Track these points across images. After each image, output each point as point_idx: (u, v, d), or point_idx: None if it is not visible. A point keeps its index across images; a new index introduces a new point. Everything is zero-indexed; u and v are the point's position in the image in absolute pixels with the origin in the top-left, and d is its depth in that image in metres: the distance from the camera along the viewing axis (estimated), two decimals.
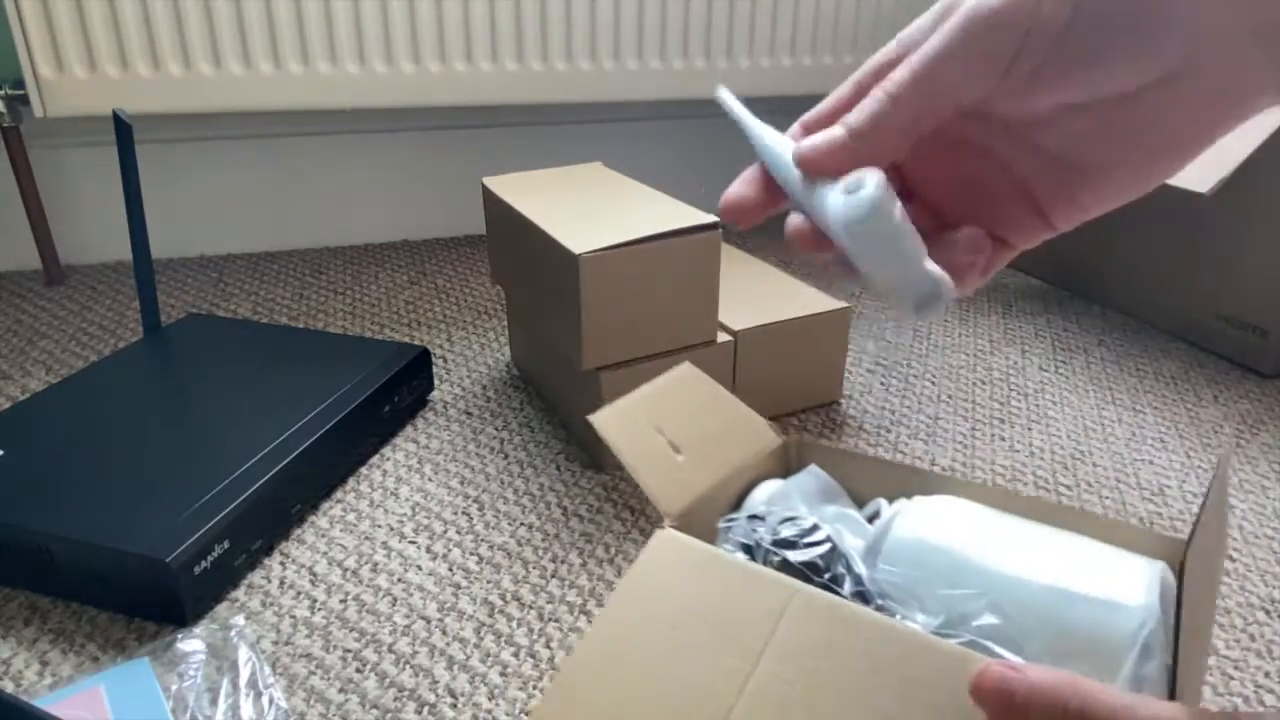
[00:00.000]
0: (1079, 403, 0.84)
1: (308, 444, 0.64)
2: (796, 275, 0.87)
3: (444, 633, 0.55)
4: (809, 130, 0.31)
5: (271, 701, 0.49)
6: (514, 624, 0.56)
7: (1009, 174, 0.29)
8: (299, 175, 1.19)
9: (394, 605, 0.57)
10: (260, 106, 1.02)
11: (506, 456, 0.74)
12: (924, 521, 0.45)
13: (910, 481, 0.51)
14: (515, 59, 1.09)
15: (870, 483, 0.52)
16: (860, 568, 0.44)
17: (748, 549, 0.45)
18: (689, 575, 0.40)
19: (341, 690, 0.51)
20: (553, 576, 0.60)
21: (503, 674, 0.52)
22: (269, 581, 0.59)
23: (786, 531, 0.45)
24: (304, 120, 1.16)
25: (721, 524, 0.47)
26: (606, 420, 0.47)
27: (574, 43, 1.11)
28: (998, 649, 0.39)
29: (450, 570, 0.60)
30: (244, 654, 0.52)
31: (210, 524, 0.55)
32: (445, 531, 0.64)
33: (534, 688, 0.51)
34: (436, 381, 0.85)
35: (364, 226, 1.24)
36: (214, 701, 0.49)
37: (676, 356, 0.71)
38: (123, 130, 0.73)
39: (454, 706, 0.50)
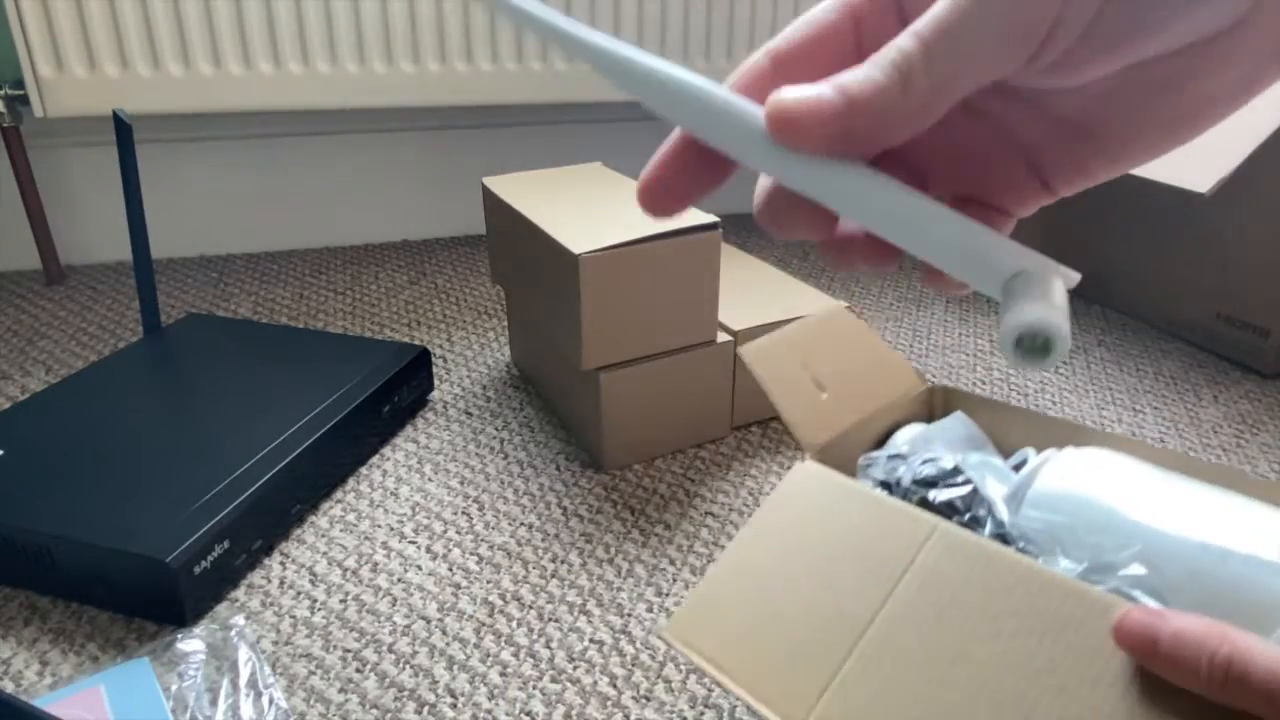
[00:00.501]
0: (1079, 403, 0.84)
1: (308, 444, 0.64)
2: (796, 275, 0.87)
3: (444, 633, 0.55)
4: (782, 67, 0.25)
5: (271, 701, 0.49)
6: (514, 624, 0.56)
7: (1012, 140, 0.25)
8: (299, 175, 1.19)
9: (394, 605, 0.57)
10: (260, 106, 1.02)
11: (506, 456, 0.74)
12: (1073, 470, 0.43)
13: (1059, 434, 0.49)
14: (515, 59, 1.09)
15: (1017, 433, 0.51)
16: (1003, 512, 0.43)
17: (886, 486, 0.44)
18: (827, 505, 0.40)
19: (341, 690, 0.51)
20: (553, 576, 0.60)
21: (503, 674, 0.52)
22: (269, 581, 0.59)
23: (927, 471, 0.44)
24: (304, 120, 1.16)
25: (861, 461, 0.46)
26: (753, 353, 0.47)
27: None
28: (1144, 598, 0.37)
29: (450, 570, 0.60)
30: (244, 654, 0.52)
31: (210, 524, 0.55)
32: (445, 531, 0.64)
33: (534, 687, 0.51)
34: (436, 381, 0.85)
35: (364, 226, 1.24)
36: (214, 701, 0.49)
37: (677, 356, 0.71)
38: (123, 130, 0.73)
39: (454, 706, 0.50)
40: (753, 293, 0.81)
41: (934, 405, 0.54)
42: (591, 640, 0.54)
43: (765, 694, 0.35)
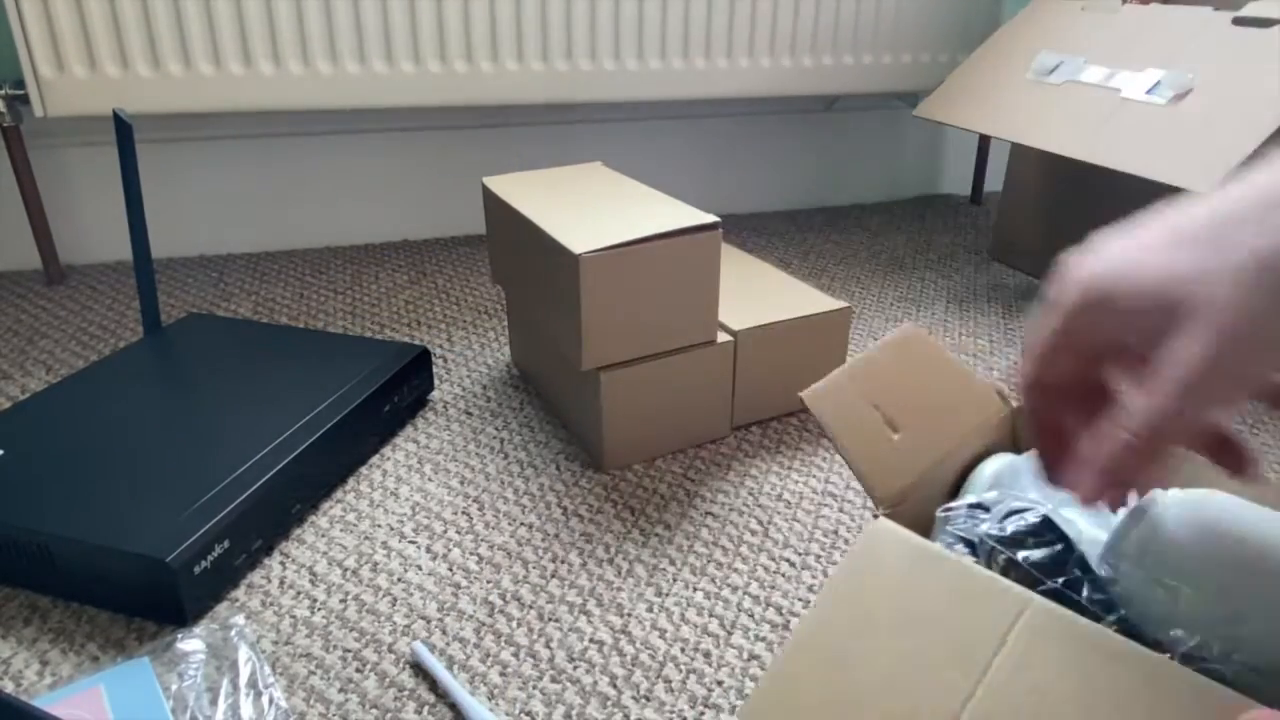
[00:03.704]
0: None
1: (308, 444, 0.64)
2: (796, 275, 0.87)
3: (444, 633, 0.55)
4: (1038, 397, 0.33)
5: (271, 701, 0.49)
6: (514, 624, 0.56)
7: None
8: (299, 175, 1.19)
9: (394, 605, 0.57)
10: (260, 106, 1.02)
11: (506, 456, 0.74)
12: (1187, 519, 0.38)
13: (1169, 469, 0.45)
14: (515, 59, 1.09)
15: None
16: (1101, 569, 0.39)
17: (969, 544, 0.40)
18: (907, 575, 0.36)
19: (341, 690, 0.51)
20: (553, 576, 0.60)
21: (503, 674, 0.52)
22: (269, 581, 0.59)
23: (1013, 527, 0.40)
24: (304, 120, 1.16)
25: (939, 514, 0.43)
26: (818, 397, 0.44)
27: (574, 43, 1.11)
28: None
29: (450, 570, 0.60)
30: (244, 654, 0.52)
31: (210, 524, 0.55)
32: (445, 531, 0.64)
33: (534, 687, 0.51)
34: (436, 381, 0.85)
35: (364, 226, 1.24)
36: (214, 701, 0.49)
37: (677, 356, 0.71)
38: (123, 130, 0.73)
39: (454, 706, 0.50)
40: (753, 293, 0.81)
41: (1019, 429, 0.50)
42: (591, 640, 0.54)
43: None
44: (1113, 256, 0.30)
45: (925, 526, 0.41)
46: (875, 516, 0.40)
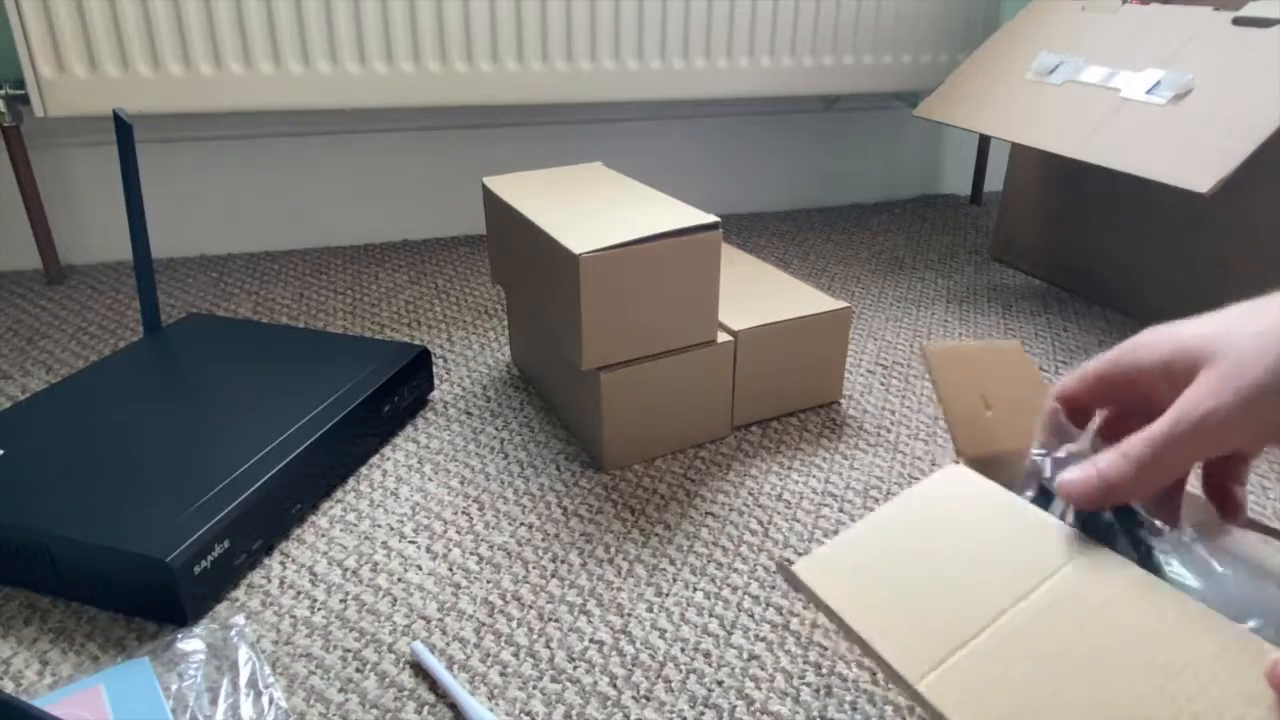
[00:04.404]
0: None
1: (308, 444, 0.64)
2: (796, 275, 0.87)
3: (444, 633, 0.55)
4: (1066, 403, 0.40)
5: (271, 701, 0.49)
6: (514, 624, 0.56)
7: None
8: (299, 175, 1.19)
9: (394, 605, 0.57)
10: (260, 106, 1.02)
11: (506, 456, 0.74)
12: (1238, 544, 0.43)
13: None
14: (515, 59, 1.09)
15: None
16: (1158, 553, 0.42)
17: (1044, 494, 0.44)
18: (971, 505, 0.40)
19: (341, 690, 0.51)
20: (553, 576, 0.60)
21: (503, 674, 0.52)
22: (269, 581, 0.59)
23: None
24: (304, 120, 1.16)
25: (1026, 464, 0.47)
26: (936, 350, 0.48)
27: (574, 43, 1.11)
28: None
29: (450, 570, 0.60)
30: (244, 654, 0.52)
31: (210, 524, 0.55)
32: (445, 531, 0.64)
33: (534, 687, 0.51)
34: (436, 381, 0.85)
35: (364, 226, 1.24)
36: (214, 701, 0.49)
37: (677, 356, 0.71)
38: (123, 130, 0.73)
39: (454, 706, 0.50)
40: (753, 293, 0.81)
41: None
42: (591, 640, 0.54)
43: (887, 646, 0.36)
44: (1166, 326, 0.38)
45: None
46: (956, 462, 0.43)
